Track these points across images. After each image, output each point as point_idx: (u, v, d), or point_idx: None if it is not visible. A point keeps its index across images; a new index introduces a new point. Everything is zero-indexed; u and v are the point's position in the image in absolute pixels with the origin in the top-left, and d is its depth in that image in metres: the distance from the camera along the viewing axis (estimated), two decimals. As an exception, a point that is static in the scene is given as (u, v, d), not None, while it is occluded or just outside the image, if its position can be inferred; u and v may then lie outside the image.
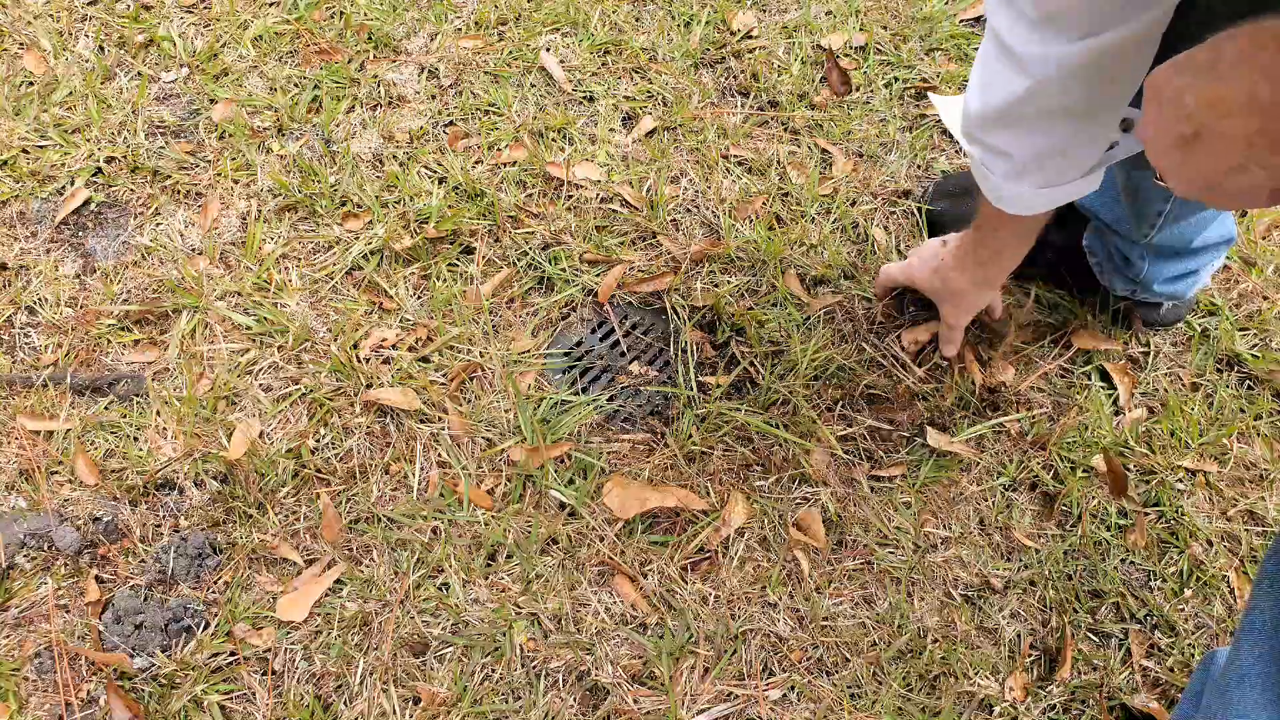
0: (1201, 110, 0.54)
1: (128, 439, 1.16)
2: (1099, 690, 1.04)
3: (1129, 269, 1.21)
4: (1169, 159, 0.59)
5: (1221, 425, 1.23)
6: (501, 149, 1.45)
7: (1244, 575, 1.13)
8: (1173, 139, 0.57)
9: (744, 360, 1.24)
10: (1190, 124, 0.55)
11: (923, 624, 1.07)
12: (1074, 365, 1.28)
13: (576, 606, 1.07)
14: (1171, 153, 0.58)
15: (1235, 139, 0.53)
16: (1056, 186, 0.93)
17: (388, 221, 1.35)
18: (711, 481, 1.15)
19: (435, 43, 1.59)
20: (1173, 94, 0.56)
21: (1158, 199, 1.09)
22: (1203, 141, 0.55)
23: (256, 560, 1.09)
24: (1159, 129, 0.59)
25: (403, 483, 1.14)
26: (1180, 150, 0.57)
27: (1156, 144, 0.59)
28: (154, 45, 1.56)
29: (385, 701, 1.00)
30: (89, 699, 1.00)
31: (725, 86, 1.57)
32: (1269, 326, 1.32)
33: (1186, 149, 0.57)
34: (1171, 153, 0.58)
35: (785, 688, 1.03)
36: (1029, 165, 0.90)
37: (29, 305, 1.27)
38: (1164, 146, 0.59)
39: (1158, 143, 0.59)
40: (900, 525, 1.14)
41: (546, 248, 1.35)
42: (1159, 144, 0.59)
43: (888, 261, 1.33)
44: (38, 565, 1.07)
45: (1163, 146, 0.59)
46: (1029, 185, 0.93)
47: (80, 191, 1.38)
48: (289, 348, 1.24)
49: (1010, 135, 0.88)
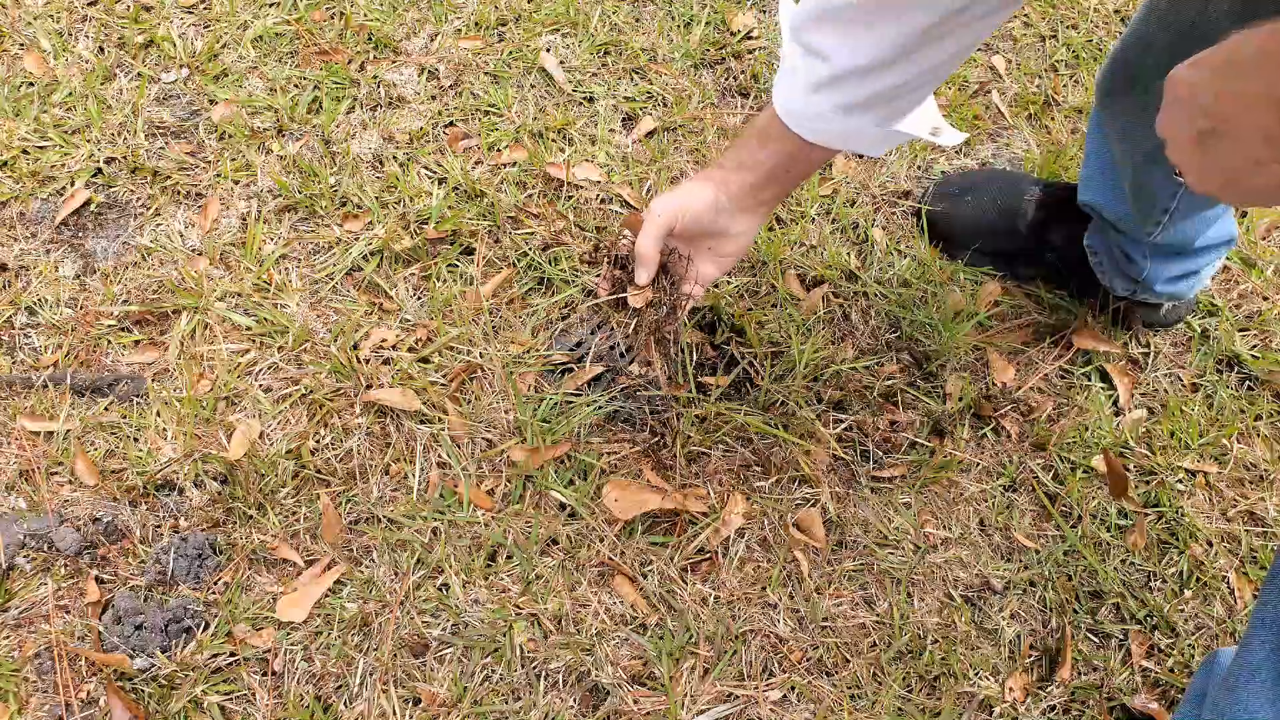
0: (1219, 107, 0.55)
1: (128, 440, 1.16)
2: (1099, 691, 1.04)
3: (1131, 268, 1.21)
4: (1186, 155, 0.59)
5: (1221, 426, 1.23)
6: (501, 149, 1.45)
7: (1244, 576, 1.13)
8: (1190, 135, 0.58)
9: (743, 361, 1.24)
10: (1208, 120, 0.56)
11: (923, 625, 1.07)
12: (1074, 366, 1.28)
13: (576, 607, 1.07)
14: (1189, 149, 0.59)
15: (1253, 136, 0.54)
16: (850, 115, 0.88)
17: (387, 222, 1.35)
18: (711, 482, 1.15)
19: (435, 43, 1.59)
20: (1190, 91, 0.57)
21: (1164, 197, 1.09)
22: (1220, 138, 0.56)
23: (256, 561, 1.09)
24: (1176, 125, 0.59)
25: (403, 483, 1.14)
26: (1198, 146, 0.58)
27: (1175, 140, 0.60)
28: (154, 46, 1.56)
29: (385, 702, 1.00)
30: (89, 699, 1.00)
31: (725, 87, 1.57)
32: (1269, 327, 1.32)
33: (1204, 145, 0.57)
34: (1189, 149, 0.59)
35: (785, 688, 1.03)
36: (841, 77, 0.85)
37: (29, 306, 1.27)
38: (1182, 143, 0.59)
39: (1176, 139, 0.60)
40: (900, 526, 1.14)
41: (546, 248, 1.35)
42: (1177, 140, 0.60)
43: (887, 262, 1.33)
44: (38, 566, 1.07)
45: (1180, 143, 0.60)
46: (826, 101, 0.87)
47: (80, 192, 1.38)
48: (289, 348, 1.24)
49: (837, 35, 0.83)
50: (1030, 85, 1.59)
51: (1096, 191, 1.20)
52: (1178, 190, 1.07)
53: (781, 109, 0.91)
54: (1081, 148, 1.48)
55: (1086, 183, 1.21)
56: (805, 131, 0.90)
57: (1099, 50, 1.65)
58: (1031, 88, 1.59)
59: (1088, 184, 1.21)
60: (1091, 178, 1.20)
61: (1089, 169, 1.20)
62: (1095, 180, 1.19)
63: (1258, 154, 0.54)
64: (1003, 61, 1.62)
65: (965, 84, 1.58)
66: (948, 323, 1.28)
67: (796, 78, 0.88)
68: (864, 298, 1.31)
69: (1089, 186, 1.21)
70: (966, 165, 1.49)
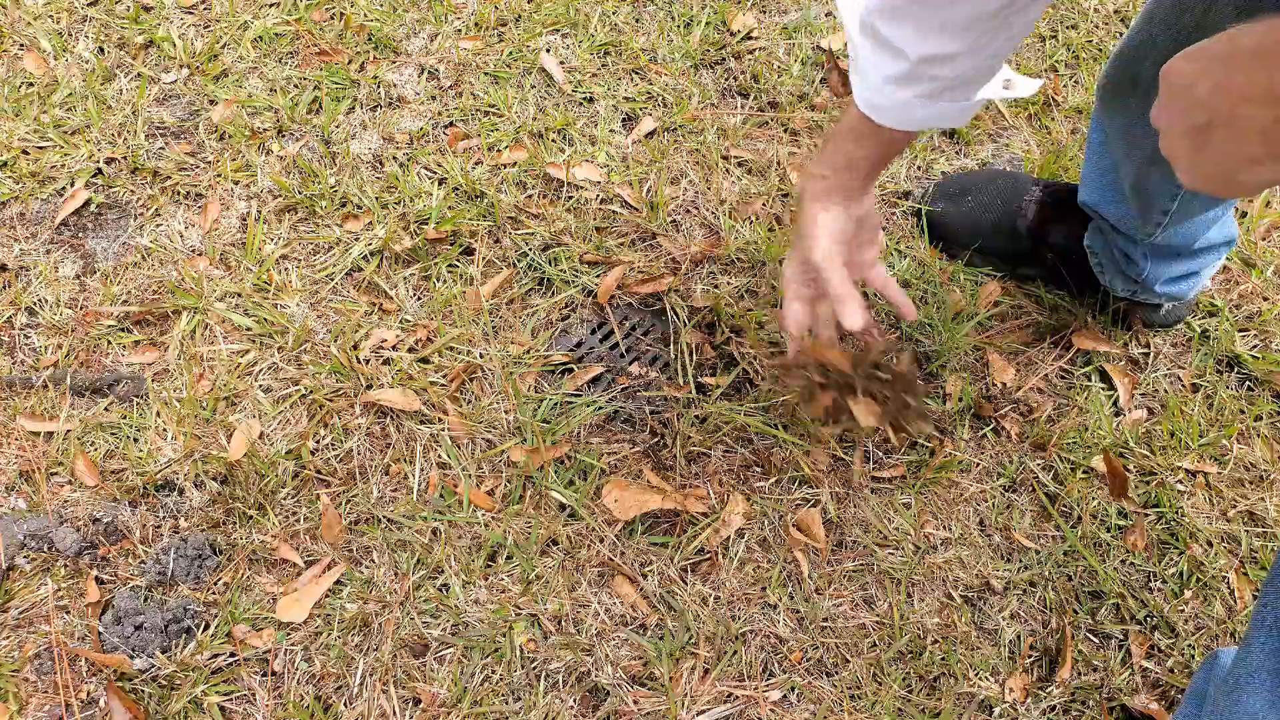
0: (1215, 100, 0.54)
1: (128, 440, 1.16)
2: (1099, 691, 1.04)
3: (1131, 268, 1.21)
4: (1180, 148, 0.59)
5: (1221, 426, 1.23)
6: (501, 150, 1.46)
7: (1244, 576, 1.13)
8: (1184, 128, 0.57)
9: (743, 361, 1.24)
10: (1203, 113, 0.55)
11: (923, 625, 1.07)
12: (1074, 366, 1.28)
13: (576, 607, 1.07)
14: (1183, 142, 0.58)
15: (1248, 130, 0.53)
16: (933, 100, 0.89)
17: (388, 222, 1.35)
18: (711, 482, 1.15)
19: (435, 44, 1.59)
20: (1184, 82, 0.56)
21: (1164, 198, 1.09)
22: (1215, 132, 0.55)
23: (256, 561, 1.09)
24: (1171, 118, 0.59)
25: (403, 484, 1.14)
26: (1192, 140, 0.57)
27: (1168, 132, 0.60)
28: (154, 46, 1.56)
29: (385, 702, 1.00)
30: (89, 700, 1.00)
31: (725, 87, 1.57)
32: (1269, 327, 1.32)
33: (1199, 139, 0.57)
34: (1183, 142, 0.58)
35: (785, 689, 1.03)
36: (918, 69, 0.86)
37: (29, 306, 1.27)
38: (1176, 135, 0.59)
39: (1169, 131, 0.59)
40: (900, 526, 1.14)
41: (546, 248, 1.35)
42: (1171, 133, 0.59)
43: (887, 262, 1.33)
44: (38, 566, 1.07)
45: (1175, 135, 0.59)
46: (907, 93, 0.88)
47: (80, 192, 1.38)
48: (289, 349, 1.24)
49: (909, 26, 0.83)
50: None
51: (1096, 192, 1.20)
52: (1178, 192, 1.07)
53: (866, 106, 0.92)
54: (1081, 148, 1.48)
55: (1086, 183, 1.21)
56: (894, 122, 0.92)
57: (1099, 51, 1.65)
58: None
59: (1088, 184, 1.21)
60: (1091, 178, 1.20)
61: (1089, 169, 1.20)
62: (1095, 181, 1.19)
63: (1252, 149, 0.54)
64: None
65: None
66: (948, 323, 1.28)
67: (871, 73, 0.89)
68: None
69: (1089, 187, 1.21)
70: (966, 166, 1.49)
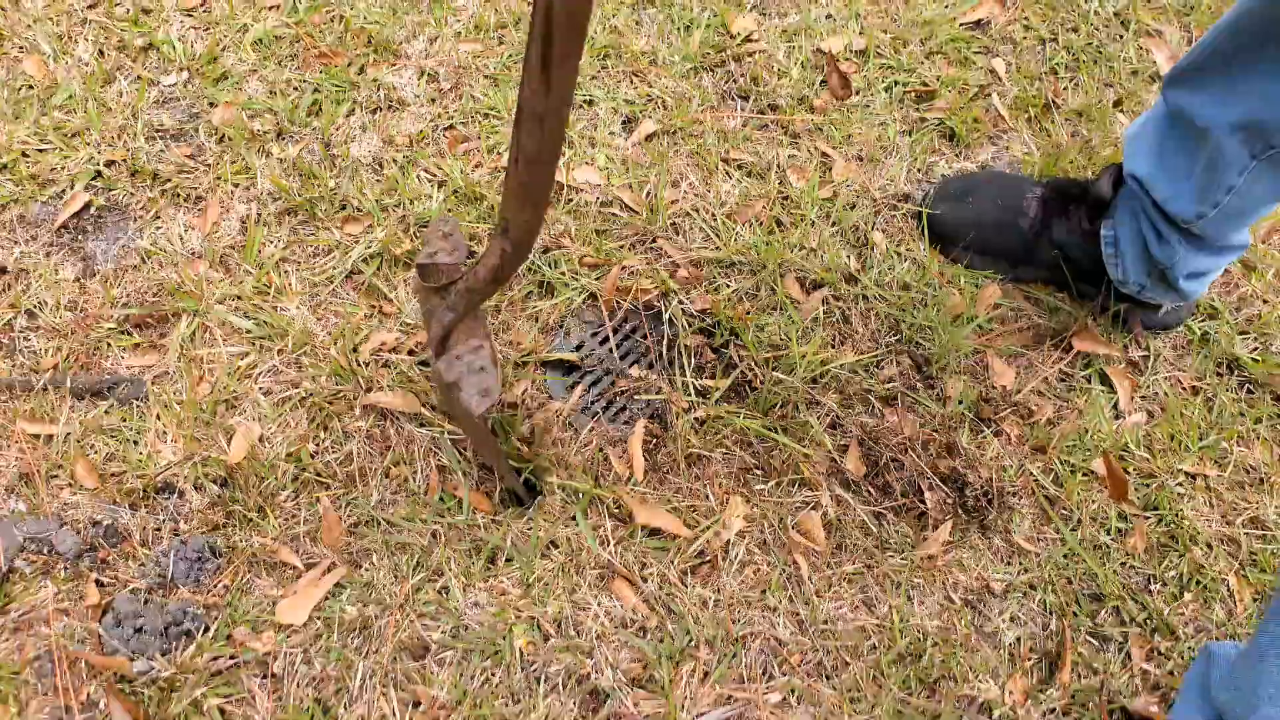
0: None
1: (128, 443, 1.16)
2: (1099, 693, 1.04)
3: (1162, 250, 1.18)
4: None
5: (1221, 429, 1.23)
6: (501, 152, 1.46)
7: (1244, 579, 1.13)
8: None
9: (743, 364, 1.24)
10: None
11: (923, 628, 1.07)
12: (1074, 369, 1.28)
13: (576, 610, 1.07)
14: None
15: None
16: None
17: (387, 225, 1.35)
18: (711, 485, 1.15)
19: (435, 46, 1.59)
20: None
21: (1232, 173, 1.06)
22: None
23: (256, 564, 1.09)
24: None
25: (403, 486, 1.14)
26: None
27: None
28: (153, 49, 1.56)
29: (385, 705, 1.00)
30: (89, 702, 1.00)
31: (725, 90, 1.57)
32: (1269, 330, 1.32)
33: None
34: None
35: (785, 691, 1.03)
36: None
37: (29, 309, 1.27)
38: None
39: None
40: (900, 528, 1.14)
41: (546, 251, 1.35)
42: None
43: (887, 265, 1.33)
44: (38, 569, 1.07)
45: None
46: None
47: (80, 195, 1.38)
48: (289, 351, 1.24)
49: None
50: (1030, 88, 1.60)
51: (1149, 165, 1.16)
52: (1248, 165, 1.05)
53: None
54: (1081, 150, 1.48)
55: (1138, 156, 1.18)
56: None
57: (1099, 53, 1.65)
58: (1031, 90, 1.59)
59: (1139, 157, 1.18)
60: (1146, 152, 1.17)
61: (1144, 145, 1.17)
62: (1150, 154, 1.16)
63: None
64: (1002, 64, 1.62)
65: (965, 87, 1.58)
66: (948, 325, 1.28)
67: None
68: (864, 300, 1.31)
69: (1141, 159, 1.17)
70: (966, 168, 1.49)
